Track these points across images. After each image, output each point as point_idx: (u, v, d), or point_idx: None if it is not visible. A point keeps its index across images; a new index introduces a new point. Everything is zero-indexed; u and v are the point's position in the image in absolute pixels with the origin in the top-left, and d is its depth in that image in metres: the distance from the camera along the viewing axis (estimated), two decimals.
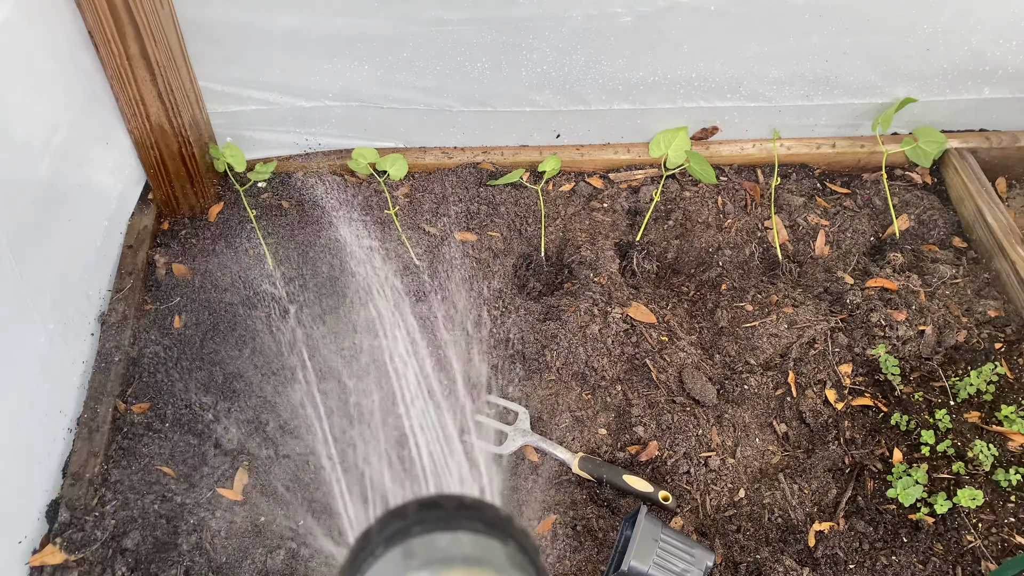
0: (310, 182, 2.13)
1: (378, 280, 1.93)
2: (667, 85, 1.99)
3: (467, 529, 0.52)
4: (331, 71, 1.93)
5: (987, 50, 1.95)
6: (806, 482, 1.59)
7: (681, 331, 1.85)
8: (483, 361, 1.77)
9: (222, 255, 1.97)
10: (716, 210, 2.09)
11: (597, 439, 1.67)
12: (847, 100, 2.06)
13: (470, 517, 0.53)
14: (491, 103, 2.03)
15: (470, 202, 2.07)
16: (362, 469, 1.60)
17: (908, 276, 1.90)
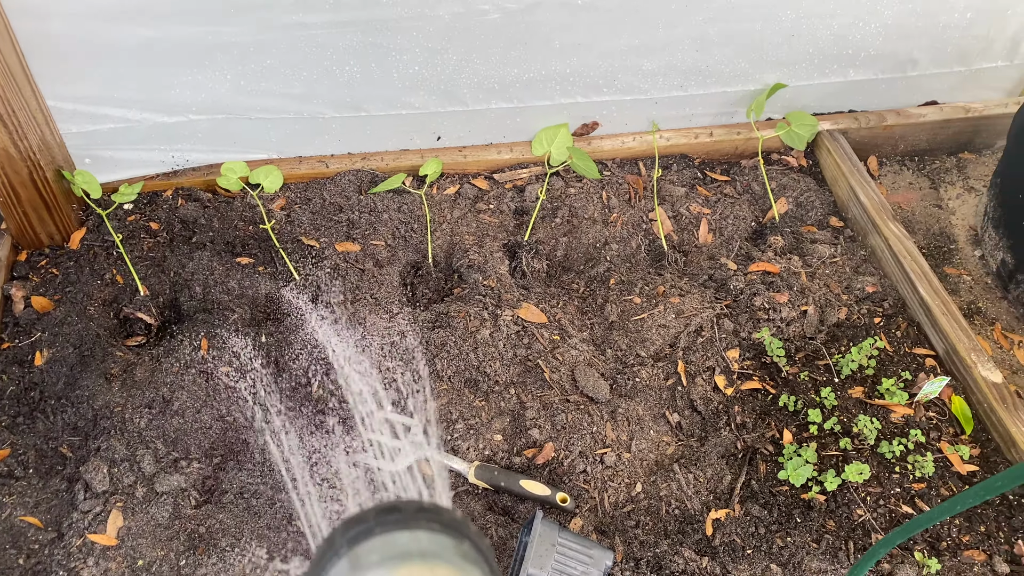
0: (180, 201, 2.03)
1: (257, 298, 1.84)
2: (543, 81, 1.98)
3: (424, 529, 0.55)
4: (191, 83, 1.83)
5: (848, 34, 2.00)
6: (701, 471, 1.59)
7: (572, 329, 1.83)
8: (371, 375, 1.71)
9: (87, 284, 1.85)
10: (601, 205, 2.09)
11: (493, 446, 1.63)
12: (720, 88, 2.08)
13: (427, 519, 0.56)
14: (365, 107, 1.97)
15: (351, 211, 2.01)
16: (247, 498, 1.53)
17: (789, 258, 1.93)
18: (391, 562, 0.53)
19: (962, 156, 2.34)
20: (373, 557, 0.53)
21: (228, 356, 1.71)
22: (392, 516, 0.56)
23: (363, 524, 0.55)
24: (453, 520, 0.57)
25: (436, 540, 0.55)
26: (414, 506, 0.56)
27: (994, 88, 2.27)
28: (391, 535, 0.55)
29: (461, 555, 0.55)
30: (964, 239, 2.13)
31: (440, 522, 0.56)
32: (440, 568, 0.53)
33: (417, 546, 0.54)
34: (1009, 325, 1.94)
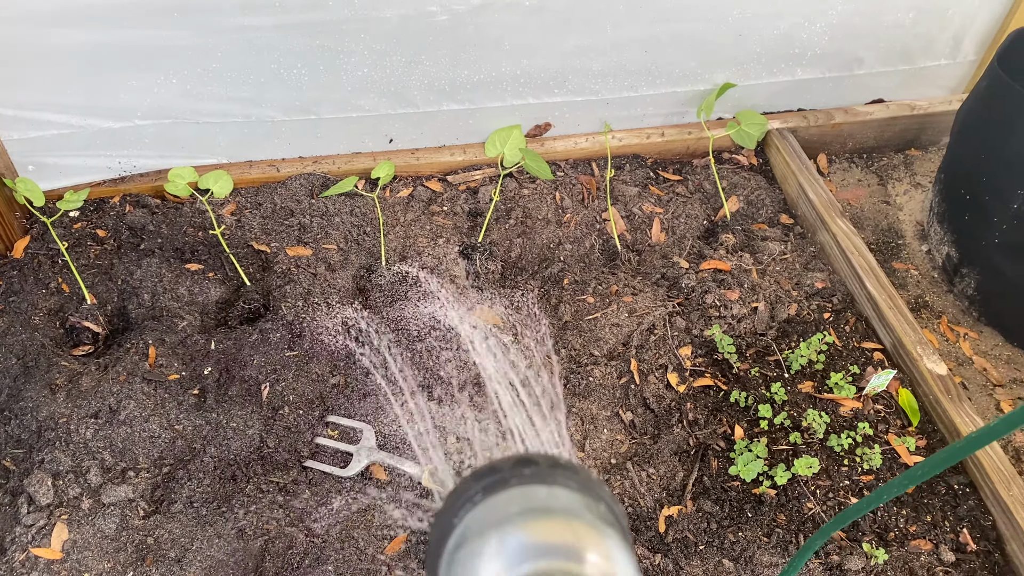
0: (127, 207, 2.00)
1: (207, 305, 1.82)
2: (494, 83, 1.98)
3: (562, 486, 0.53)
4: (136, 87, 1.81)
5: (795, 33, 2.03)
6: (654, 468, 1.60)
7: (526, 329, 1.83)
8: (323, 380, 1.70)
9: (31, 293, 1.81)
10: (555, 205, 2.10)
11: (447, 449, 1.63)
12: (670, 89, 2.10)
13: (564, 476, 0.53)
14: (315, 110, 1.95)
15: (302, 215, 1.99)
16: (197, 507, 1.50)
17: (740, 256, 1.95)
18: (531, 514, 0.51)
19: (909, 153, 2.39)
20: (512, 508, 0.51)
21: (177, 364, 1.69)
22: (527, 469, 0.54)
23: (497, 474, 0.54)
24: (589, 480, 0.55)
25: (573, 498, 0.53)
26: (549, 461, 0.54)
27: (939, 86, 2.31)
28: (528, 488, 0.53)
29: (598, 516, 0.53)
30: (911, 234, 2.17)
31: (577, 481, 0.54)
32: (579, 525, 0.50)
33: (556, 502, 0.52)
34: (955, 318, 1.98)
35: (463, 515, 0.53)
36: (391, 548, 1.47)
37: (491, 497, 0.53)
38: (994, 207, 1.80)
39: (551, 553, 0.49)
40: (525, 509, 0.51)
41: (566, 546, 0.49)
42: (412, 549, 1.47)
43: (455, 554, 0.52)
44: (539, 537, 0.49)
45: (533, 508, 0.51)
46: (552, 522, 0.50)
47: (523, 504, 0.52)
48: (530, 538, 0.49)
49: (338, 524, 1.50)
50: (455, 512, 0.54)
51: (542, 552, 0.49)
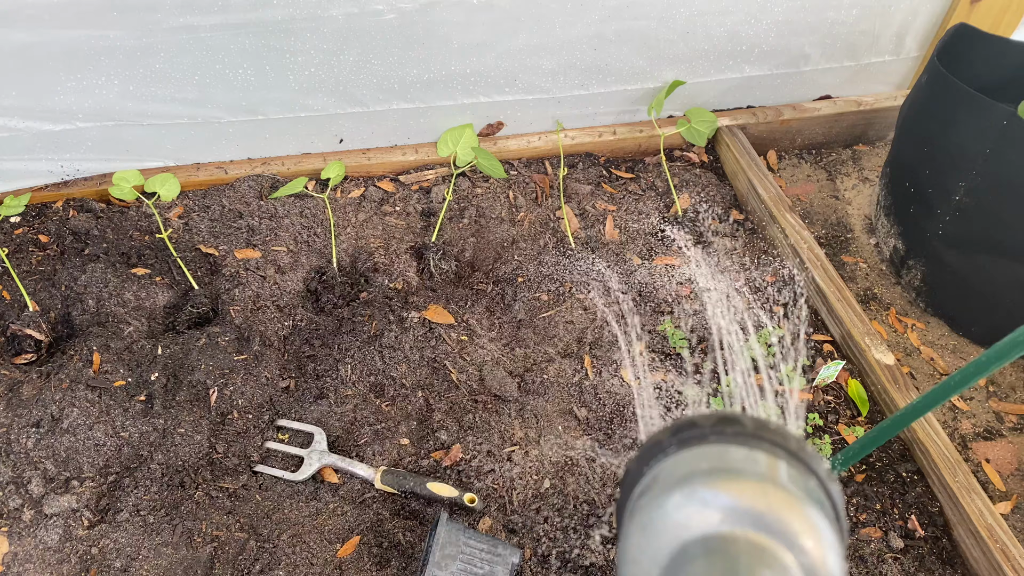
0: (71, 212, 1.95)
1: (154, 310, 1.79)
2: (444, 81, 1.97)
3: (765, 451, 0.50)
4: (77, 89, 1.77)
5: (742, 30, 2.05)
6: (608, 463, 1.60)
7: (480, 328, 1.83)
8: (273, 384, 1.67)
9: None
10: (508, 204, 2.09)
11: (400, 450, 1.61)
12: (621, 87, 2.11)
13: (771, 441, 0.50)
14: (262, 111, 1.93)
15: (251, 217, 1.96)
16: (144, 516, 1.47)
17: (692, 252, 1.97)
18: (722, 474, 0.48)
19: (857, 148, 2.43)
20: (703, 464, 0.49)
21: (123, 370, 1.66)
22: (730, 428, 0.51)
23: (696, 429, 0.52)
24: (801, 450, 0.51)
25: (775, 466, 0.49)
26: (756, 423, 0.51)
27: (884, 82, 2.35)
28: (726, 447, 0.50)
29: (804, 490, 0.48)
30: (860, 228, 2.20)
31: (786, 448, 0.50)
32: (776, 494, 0.47)
33: (753, 467, 0.49)
34: (903, 309, 2.01)
35: (653, 464, 0.52)
36: (344, 551, 1.45)
37: (685, 450, 0.51)
38: (937, 200, 1.84)
39: (738, 518, 0.46)
40: (716, 468, 0.49)
41: (755, 514, 0.46)
42: (366, 552, 1.45)
43: (638, 501, 0.50)
44: (726, 498, 0.47)
45: (726, 468, 0.49)
46: (743, 485, 0.47)
47: (715, 462, 0.49)
48: (716, 498, 0.47)
49: (289, 529, 1.47)
50: (646, 461, 0.52)
51: (727, 515, 0.46)
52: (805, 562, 0.45)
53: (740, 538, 0.45)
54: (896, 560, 1.47)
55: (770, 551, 0.45)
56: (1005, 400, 1.82)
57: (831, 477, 0.51)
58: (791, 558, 0.45)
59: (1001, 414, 1.78)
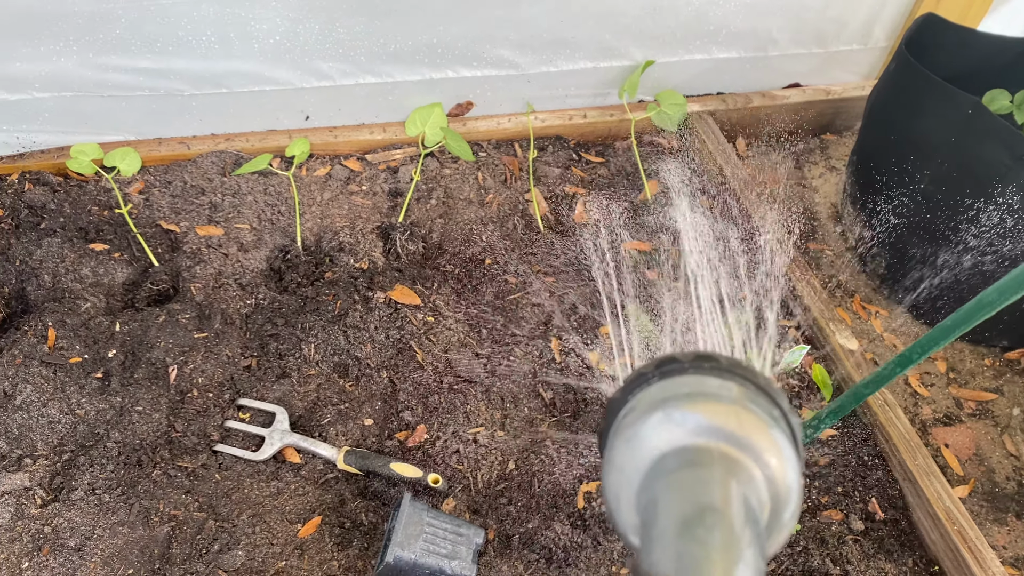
0: (27, 185, 1.90)
1: (112, 286, 1.74)
2: (411, 53, 1.93)
3: (737, 382, 0.56)
4: (32, 56, 1.71)
5: (709, 10, 2.04)
6: (573, 445, 1.59)
7: (447, 309, 1.81)
8: (234, 362, 1.64)
9: None
10: (477, 186, 2.07)
11: (364, 430, 1.59)
12: (590, 64, 2.09)
13: (742, 375, 0.56)
14: (226, 84, 1.88)
15: (213, 194, 1.92)
16: (100, 495, 1.44)
17: (660, 237, 1.96)
18: (699, 397, 0.53)
19: (824, 137, 2.44)
20: (683, 390, 0.54)
21: (79, 346, 1.61)
22: (707, 363, 0.57)
23: (677, 363, 0.57)
24: (768, 385, 0.57)
25: (746, 394, 0.55)
26: (730, 361, 0.57)
27: (851, 71, 2.37)
28: (703, 378, 0.56)
29: (771, 417, 0.54)
30: (826, 216, 2.22)
31: (755, 382, 0.56)
32: (747, 416, 0.52)
33: (727, 393, 0.54)
34: (867, 297, 2.03)
35: (637, 392, 0.57)
36: (305, 531, 1.43)
37: (665, 380, 0.56)
38: (902, 188, 1.85)
39: (711, 434, 0.51)
40: (693, 393, 0.54)
41: (728, 431, 0.51)
42: (327, 532, 1.43)
43: (623, 421, 0.55)
44: (701, 417, 0.52)
45: (702, 393, 0.54)
46: (718, 406, 0.53)
47: (694, 388, 0.55)
48: (693, 416, 0.52)
49: (250, 508, 1.45)
50: (630, 391, 0.58)
51: (702, 430, 0.51)
52: (768, 474, 0.51)
53: (713, 449, 0.51)
54: (856, 542, 1.48)
55: (739, 462, 0.51)
56: (964, 387, 1.84)
57: (792, 410, 0.57)
58: (757, 470, 0.51)
59: (960, 400, 1.81)
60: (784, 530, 0.53)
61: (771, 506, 0.52)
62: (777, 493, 0.52)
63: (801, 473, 0.54)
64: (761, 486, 0.51)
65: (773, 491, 0.52)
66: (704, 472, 0.50)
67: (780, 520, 0.53)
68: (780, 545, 0.54)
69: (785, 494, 0.53)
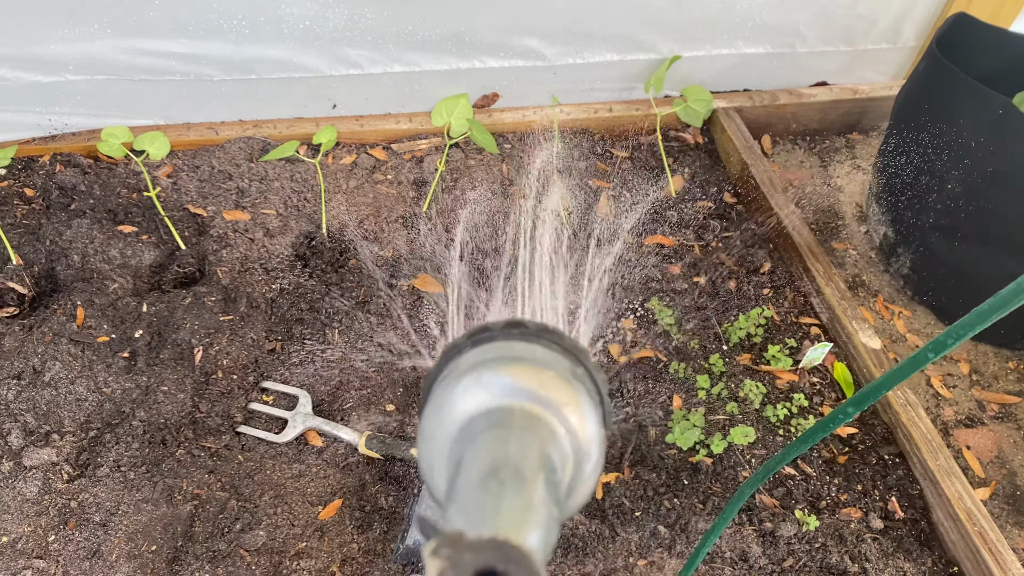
0: (58, 167, 1.92)
1: (140, 268, 1.77)
2: (439, 42, 1.94)
3: (543, 345, 0.59)
4: (67, 38, 1.74)
5: (736, 3, 2.03)
6: None
7: (470, 299, 1.81)
8: (259, 345, 1.66)
9: None
10: (501, 177, 2.08)
11: (385, 416, 1.60)
12: (616, 56, 2.09)
13: (548, 338, 0.59)
14: (256, 70, 1.90)
15: (240, 179, 1.94)
16: (124, 472, 1.46)
17: (683, 232, 1.96)
18: (505, 361, 0.56)
19: (851, 136, 2.43)
20: (490, 355, 0.57)
21: (107, 326, 1.64)
22: (516, 329, 0.60)
23: (487, 332, 0.60)
24: (574, 346, 0.60)
25: (551, 356, 0.58)
26: (539, 326, 0.60)
27: (880, 71, 2.35)
28: (511, 343, 0.59)
29: (574, 375, 0.57)
30: (851, 216, 2.21)
31: (560, 344, 0.59)
32: (548, 376, 0.55)
33: (532, 355, 0.57)
34: (890, 297, 2.02)
35: (450, 363, 0.59)
36: (326, 513, 1.44)
37: (476, 348, 0.59)
38: (930, 188, 1.84)
39: (514, 394, 0.54)
40: (500, 357, 0.57)
41: (530, 390, 0.54)
42: (348, 515, 1.45)
43: (434, 390, 0.58)
44: (506, 379, 0.54)
45: (508, 357, 0.57)
46: (521, 368, 0.55)
47: (500, 353, 0.57)
48: (498, 379, 0.55)
49: (272, 489, 1.47)
50: (445, 362, 0.60)
51: (506, 391, 0.54)
52: (569, 428, 0.54)
53: (516, 408, 0.53)
54: (875, 540, 1.48)
55: (541, 418, 0.53)
56: (987, 389, 1.83)
57: (597, 368, 0.61)
58: (557, 423, 0.54)
59: (983, 402, 1.80)
60: (587, 482, 0.56)
61: (574, 459, 0.55)
62: (579, 447, 0.55)
63: (604, 427, 0.58)
64: (563, 441, 0.54)
65: (575, 445, 0.55)
66: (504, 431, 0.52)
67: (583, 473, 0.55)
68: (586, 495, 0.57)
69: (586, 447, 0.55)
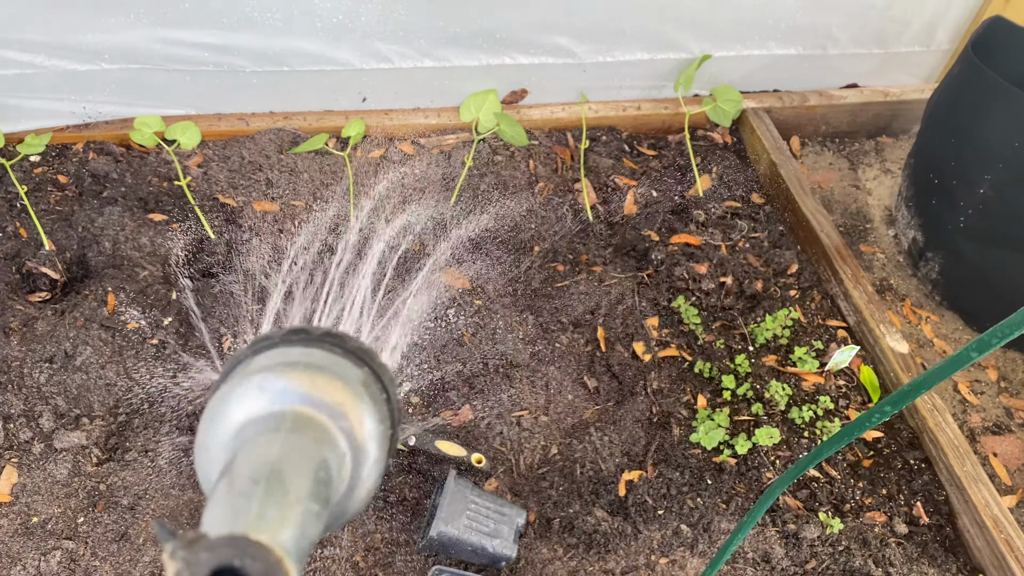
0: (91, 154, 1.95)
1: (169, 256, 1.78)
2: (469, 38, 1.95)
3: (323, 349, 0.60)
4: (104, 27, 1.76)
5: (769, 4, 2.02)
6: (616, 433, 1.60)
7: (495, 294, 1.82)
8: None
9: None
10: (528, 173, 2.08)
11: (409, 407, 1.61)
12: (646, 55, 2.09)
13: (330, 342, 0.60)
14: (288, 62, 1.91)
15: (270, 170, 1.96)
16: (152, 456, 1.48)
17: (710, 232, 1.96)
18: (280, 367, 0.56)
19: (880, 140, 2.41)
20: (267, 362, 0.57)
21: (137, 312, 1.65)
22: (297, 336, 0.60)
23: (268, 340, 0.60)
24: (358, 348, 0.61)
25: (332, 359, 0.59)
26: (321, 331, 0.60)
27: (912, 74, 2.34)
28: (289, 349, 0.59)
29: (355, 377, 0.59)
30: (879, 219, 2.19)
31: (343, 347, 0.60)
32: (321, 377, 0.56)
33: (309, 359, 0.58)
34: (918, 301, 2.00)
35: (234, 373, 0.59)
36: None
37: (257, 356, 0.59)
38: (961, 192, 1.82)
39: (286, 398, 0.55)
40: (277, 364, 0.57)
41: (302, 393, 0.55)
42: (373, 505, 1.46)
43: (209, 402, 0.57)
44: (281, 383, 0.55)
45: (284, 363, 0.57)
46: (295, 373, 0.56)
47: (277, 359, 0.58)
48: (271, 384, 0.55)
49: None
50: (226, 374, 0.60)
51: (279, 396, 0.55)
52: (343, 427, 0.55)
53: (288, 412, 0.54)
54: (899, 545, 1.47)
55: (313, 419, 0.54)
56: (1016, 396, 1.81)
57: (383, 368, 0.61)
58: (331, 424, 0.55)
59: (1011, 410, 1.78)
60: (366, 483, 0.57)
61: (352, 457, 0.56)
62: (357, 447, 0.56)
63: (392, 426, 0.59)
64: (339, 441, 0.55)
65: (353, 444, 0.56)
66: (272, 435, 0.52)
67: (361, 471, 0.57)
68: (369, 491, 0.58)
69: (364, 448, 0.56)
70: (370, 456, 0.57)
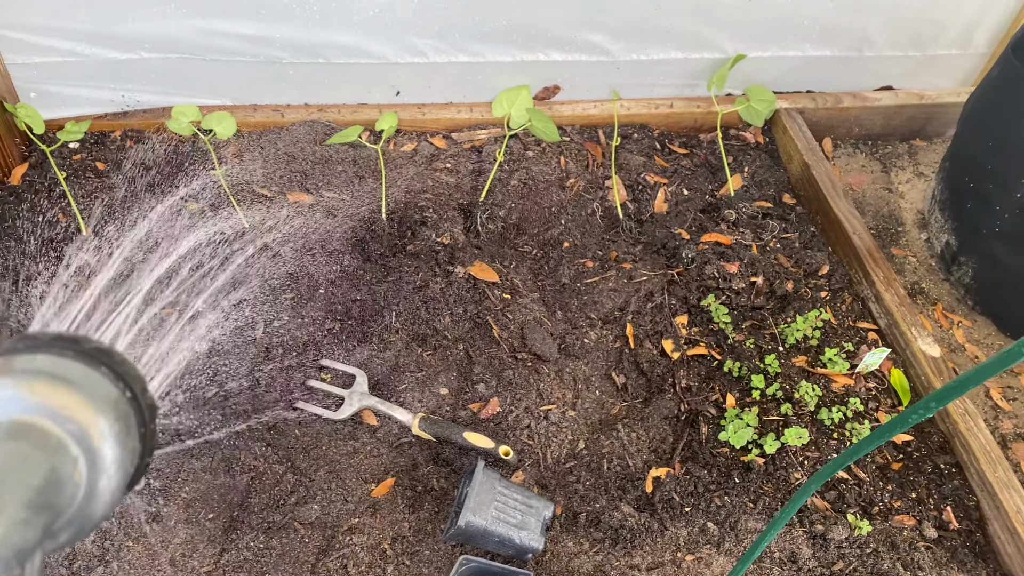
0: (128, 142, 1.97)
1: (202, 243, 1.81)
2: (504, 33, 1.95)
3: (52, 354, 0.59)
4: (144, 17, 1.78)
5: (805, 4, 2.01)
6: (644, 430, 1.60)
7: (524, 289, 1.83)
8: (319, 324, 1.69)
9: (25, 220, 1.79)
10: (559, 170, 2.09)
11: (439, 399, 1.62)
12: (681, 54, 2.08)
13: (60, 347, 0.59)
14: (323, 54, 1.93)
15: (304, 162, 1.97)
16: (184, 441, 1.50)
17: (741, 231, 1.95)
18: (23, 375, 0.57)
19: (914, 143, 2.39)
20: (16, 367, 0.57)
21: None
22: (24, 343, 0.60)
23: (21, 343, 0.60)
24: (95, 349, 0.61)
25: (58, 362, 0.59)
26: (50, 335, 0.60)
27: (948, 77, 2.31)
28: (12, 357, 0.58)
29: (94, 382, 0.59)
30: (912, 222, 2.17)
31: (74, 350, 0.60)
32: (40, 382, 0.56)
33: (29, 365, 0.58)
34: (950, 306, 1.99)
35: None
36: (379, 491, 1.46)
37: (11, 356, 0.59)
38: (997, 196, 1.81)
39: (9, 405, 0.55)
40: (24, 370, 0.57)
41: (32, 403, 0.56)
42: (400, 494, 1.47)
43: None
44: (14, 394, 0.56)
45: (27, 370, 0.57)
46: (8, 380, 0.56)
47: (25, 367, 0.58)
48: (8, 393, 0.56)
49: (327, 464, 1.49)
50: None
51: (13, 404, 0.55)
52: (73, 429, 0.56)
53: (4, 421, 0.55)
54: (928, 549, 1.46)
55: (35, 425, 0.55)
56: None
57: (123, 363, 0.61)
58: (57, 428, 0.55)
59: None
60: (102, 496, 0.57)
61: (88, 471, 0.56)
62: (93, 460, 0.56)
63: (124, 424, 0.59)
64: (70, 446, 0.55)
65: (90, 458, 0.56)
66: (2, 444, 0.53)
67: (97, 486, 0.57)
68: (104, 509, 0.58)
69: (98, 449, 0.57)
70: (105, 473, 0.57)
